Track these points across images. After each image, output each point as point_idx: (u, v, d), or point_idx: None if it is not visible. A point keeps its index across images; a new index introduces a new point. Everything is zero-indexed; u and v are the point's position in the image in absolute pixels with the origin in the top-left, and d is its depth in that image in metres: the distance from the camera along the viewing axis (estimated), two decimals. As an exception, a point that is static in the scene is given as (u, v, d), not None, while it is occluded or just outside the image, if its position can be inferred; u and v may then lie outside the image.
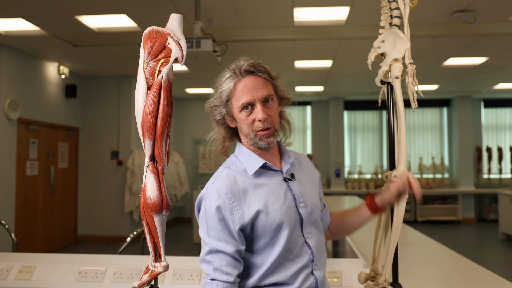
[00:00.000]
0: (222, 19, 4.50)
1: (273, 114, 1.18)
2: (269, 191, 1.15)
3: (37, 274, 1.88)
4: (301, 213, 1.18)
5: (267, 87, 1.17)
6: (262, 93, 1.15)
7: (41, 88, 6.12)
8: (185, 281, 1.79)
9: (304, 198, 1.20)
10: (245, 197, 1.13)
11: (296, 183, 1.22)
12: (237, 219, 1.11)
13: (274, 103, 1.19)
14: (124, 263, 1.92)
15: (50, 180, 6.34)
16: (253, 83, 1.16)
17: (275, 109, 1.19)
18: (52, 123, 6.33)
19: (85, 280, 1.84)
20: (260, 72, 1.17)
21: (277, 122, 1.19)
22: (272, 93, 1.18)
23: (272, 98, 1.18)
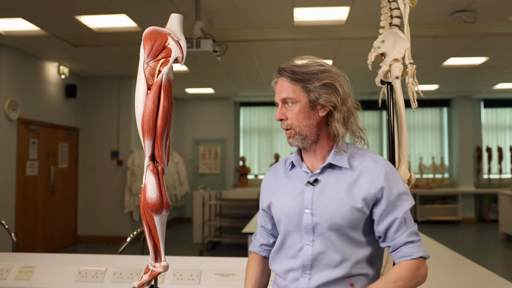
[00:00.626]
0: (222, 19, 4.50)
1: (293, 116, 1.18)
2: (287, 188, 1.24)
3: (37, 274, 1.88)
4: (304, 219, 1.16)
5: (288, 89, 1.17)
6: (280, 95, 1.19)
7: (41, 88, 6.12)
8: (185, 281, 1.79)
9: (314, 206, 1.16)
10: (274, 185, 1.29)
11: (316, 189, 1.17)
12: (262, 201, 1.33)
13: (297, 106, 1.17)
14: (124, 263, 1.92)
15: (50, 180, 6.34)
16: (279, 85, 1.21)
17: (295, 112, 1.17)
18: (52, 123, 6.33)
19: (85, 280, 1.84)
20: (286, 75, 1.18)
21: (299, 125, 1.17)
22: (292, 97, 1.17)
23: (293, 101, 1.17)
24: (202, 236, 6.09)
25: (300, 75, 1.17)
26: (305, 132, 1.18)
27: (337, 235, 1.14)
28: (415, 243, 1.14)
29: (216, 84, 7.98)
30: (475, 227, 8.57)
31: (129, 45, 5.36)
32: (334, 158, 1.19)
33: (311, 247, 1.15)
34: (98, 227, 7.17)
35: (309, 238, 1.16)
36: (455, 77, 7.41)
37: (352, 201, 1.14)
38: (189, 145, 9.50)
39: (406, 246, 1.14)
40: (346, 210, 1.14)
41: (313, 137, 1.19)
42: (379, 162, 1.18)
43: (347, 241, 1.15)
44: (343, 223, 1.13)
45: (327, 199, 1.15)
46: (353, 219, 1.14)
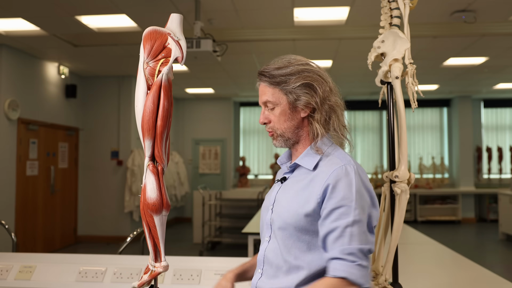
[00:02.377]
0: (222, 19, 4.50)
1: (275, 119, 1.19)
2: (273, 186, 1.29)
3: (37, 274, 1.88)
4: (267, 215, 1.20)
5: (268, 93, 1.18)
6: (262, 99, 1.21)
7: (41, 88, 6.12)
8: (185, 281, 1.79)
9: (275, 203, 1.19)
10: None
11: (282, 187, 1.21)
12: None
13: (278, 109, 1.17)
14: (124, 263, 1.92)
15: (50, 180, 6.34)
16: (260, 89, 1.22)
17: (277, 114, 1.18)
18: (52, 123, 6.33)
19: (85, 280, 1.84)
20: (264, 78, 1.19)
21: (281, 127, 1.18)
22: (272, 100, 1.17)
23: (274, 104, 1.18)
24: (202, 236, 6.09)
25: (278, 77, 1.16)
26: (287, 134, 1.19)
27: (286, 235, 1.11)
28: (345, 262, 1.02)
29: (216, 84, 7.98)
30: (475, 227, 8.57)
31: (129, 45, 5.36)
32: (303, 158, 1.18)
33: (267, 243, 1.18)
34: (98, 227, 7.17)
35: (268, 235, 1.18)
36: (455, 77, 7.41)
37: (300, 201, 1.11)
38: (189, 145, 9.50)
39: (334, 261, 1.03)
40: (293, 209, 1.11)
41: (294, 138, 1.19)
42: (336, 163, 1.10)
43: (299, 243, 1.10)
44: (292, 222, 1.10)
45: (284, 198, 1.17)
46: (302, 221, 1.09)
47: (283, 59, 1.19)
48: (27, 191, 5.80)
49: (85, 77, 7.27)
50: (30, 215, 5.87)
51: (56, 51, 5.72)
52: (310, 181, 1.12)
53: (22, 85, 5.69)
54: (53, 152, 6.43)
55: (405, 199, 1.48)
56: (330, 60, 6.15)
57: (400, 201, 1.47)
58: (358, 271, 1.01)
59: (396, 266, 1.49)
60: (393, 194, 1.50)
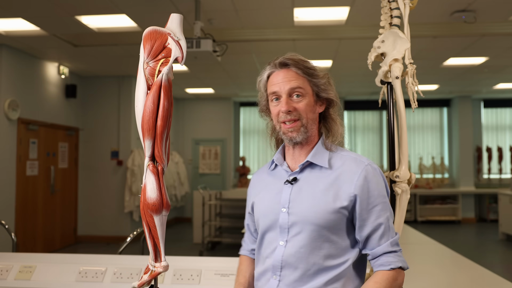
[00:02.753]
0: (222, 19, 4.50)
1: (301, 108, 1.15)
2: (269, 188, 1.23)
3: (37, 274, 1.88)
4: (280, 218, 1.14)
5: (298, 80, 1.15)
6: (289, 85, 1.15)
7: (41, 88, 6.12)
8: (185, 281, 1.79)
9: (291, 205, 1.13)
10: (259, 186, 1.28)
11: (294, 188, 1.15)
12: (248, 203, 1.31)
13: (305, 99, 1.15)
14: (124, 263, 1.92)
15: (50, 180, 6.34)
16: (283, 75, 1.16)
17: (304, 104, 1.15)
18: (52, 123, 6.33)
19: (85, 280, 1.84)
20: (294, 66, 1.16)
21: (306, 117, 1.15)
22: (302, 88, 1.15)
23: (302, 92, 1.15)
24: (202, 236, 6.09)
25: (307, 69, 1.16)
26: (309, 126, 1.17)
27: (314, 236, 1.09)
28: (396, 253, 1.10)
29: (216, 84, 7.98)
30: (475, 227, 8.57)
31: (129, 45, 5.36)
32: (314, 156, 1.16)
33: (284, 248, 1.12)
34: (98, 227, 7.17)
35: (284, 238, 1.12)
36: (455, 77, 7.41)
37: (330, 201, 1.10)
38: (189, 145, 9.50)
39: (386, 255, 1.10)
40: (323, 209, 1.10)
41: (310, 132, 1.17)
42: (361, 162, 1.15)
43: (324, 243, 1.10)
44: (320, 222, 1.09)
45: (304, 199, 1.13)
46: (331, 220, 1.09)
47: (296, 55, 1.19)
48: (27, 191, 5.80)
49: (85, 77, 7.27)
50: (30, 215, 5.87)
51: (56, 51, 5.72)
52: (335, 180, 1.13)
53: (22, 85, 5.69)
54: (53, 152, 6.43)
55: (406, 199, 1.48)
56: (330, 60, 6.15)
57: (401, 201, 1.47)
58: (403, 257, 1.12)
59: (396, 266, 1.49)
60: (394, 194, 1.50)
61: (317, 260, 1.09)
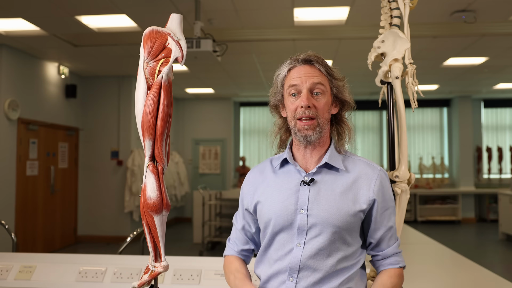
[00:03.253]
0: (222, 19, 4.50)
1: (320, 106, 1.14)
2: (278, 187, 1.18)
3: (37, 274, 1.88)
4: (297, 219, 1.12)
5: (321, 77, 1.15)
6: (312, 79, 1.14)
7: (41, 88, 6.12)
8: (185, 281, 1.79)
9: (310, 206, 1.11)
10: (261, 185, 1.23)
11: (313, 189, 1.13)
12: (246, 202, 1.26)
13: (324, 98, 1.15)
14: (124, 263, 1.92)
15: (50, 180, 6.34)
16: (306, 70, 1.15)
17: (323, 103, 1.14)
18: (52, 123, 6.33)
19: (85, 280, 1.84)
20: (318, 63, 1.16)
21: (323, 117, 1.14)
22: (324, 85, 1.15)
23: (323, 91, 1.15)
24: (202, 236, 6.09)
25: (329, 69, 1.17)
26: (324, 126, 1.16)
27: (333, 239, 1.09)
28: (400, 253, 1.21)
29: (216, 84, 7.98)
30: (475, 227, 8.57)
31: (129, 45, 5.36)
32: (331, 158, 1.16)
33: (301, 249, 1.10)
34: (98, 227, 7.17)
35: (301, 240, 1.10)
36: (455, 77, 7.41)
37: (350, 204, 1.12)
38: (189, 145, 9.50)
39: (395, 255, 1.19)
40: (344, 212, 1.10)
41: (323, 133, 1.16)
42: (375, 168, 1.19)
43: (341, 245, 1.11)
44: (340, 224, 1.10)
45: (324, 200, 1.11)
46: (350, 222, 1.11)
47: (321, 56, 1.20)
48: (27, 191, 5.80)
49: (85, 77, 7.27)
50: (30, 215, 5.86)
51: (56, 51, 5.72)
52: (353, 183, 1.15)
53: (22, 85, 5.69)
54: (53, 152, 6.43)
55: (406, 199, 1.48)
56: (330, 60, 6.15)
57: (401, 201, 1.47)
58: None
59: (396, 266, 1.49)
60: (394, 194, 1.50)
61: (334, 261, 1.10)
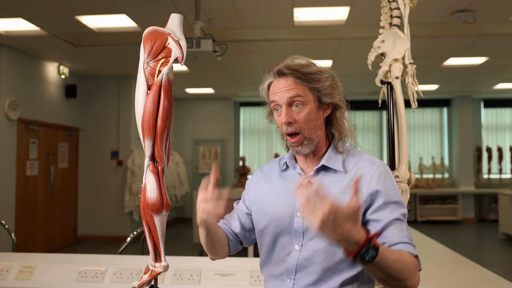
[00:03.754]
0: (222, 19, 4.50)
1: (301, 119, 1.11)
2: (279, 190, 1.19)
3: (37, 274, 1.88)
4: (294, 222, 1.12)
5: (297, 89, 1.10)
6: (288, 94, 1.10)
7: (41, 88, 6.12)
8: (185, 281, 1.79)
9: None
10: (265, 184, 1.24)
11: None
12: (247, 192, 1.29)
13: (306, 108, 1.11)
14: (124, 263, 1.92)
15: (50, 180, 6.34)
16: (282, 85, 1.12)
17: (304, 114, 1.11)
18: (52, 123, 6.33)
19: (85, 280, 1.84)
20: (292, 75, 1.11)
21: (308, 128, 1.12)
22: (302, 96, 1.10)
23: (302, 102, 1.11)
24: (202, 236, 6.08)
25: (307, 75, 1.12)
26: (313, 136, 1.13)
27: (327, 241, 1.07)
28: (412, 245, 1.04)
29: (216, 84, 7.98)
30: (475, 227, 8.57)
31: (129, 45, 5.36)
32: (328, 160, 1.14)
33: (299, 252, 1.11)
34: (98, 227, 7.17)
35: (299, 243, 1.11)
36: (455, 77, 7.41)
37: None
38: (189, 145, 9.50)
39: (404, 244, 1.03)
40: None
41: (317, 140, 1.14)
42: (374, 163, 1.13)
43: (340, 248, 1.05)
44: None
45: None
46: None
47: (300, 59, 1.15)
48: (27, 191, 5.80)
49: (85, 77, 7.27)
50: (30, 215, 5.86)
51: (56, 51, 5.72)
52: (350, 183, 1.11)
53: (22, 85, 5.69)
54: (53, 152, 6.43)
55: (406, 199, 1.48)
56: (330, 60, 6.15)
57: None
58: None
59: (396, 266, 1.49)
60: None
61: (331, 264, 1.08)
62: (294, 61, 1.15)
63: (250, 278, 1.79)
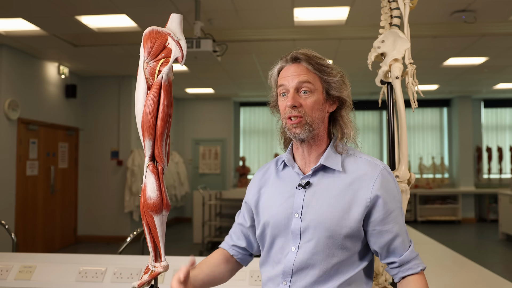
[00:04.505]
0: (222, 19, 4.50)
1: (308, 105, 1.09)
2: (278, 190, 1.18)
3: (37, 274, 1.88)
4: (292, 223, 1.10)
5: (308, 75, 1.10)
6: (298, 79, 1.10)
7: (41, 88, 6.12)
8: (185, 281, 1.79)
9: (304, 210, 1.09)
10: (264, 185, 1.23)
11: (308, 192, 1.11)
12: (248, 199, 1.26)
13: (313, 96, 1.10)
14: (124, 263, 1.92)
15: (50, 180, 6.34)
16: (293, 70, 1.12)
17: (311, 101, 1.10)
18: (52, 123, 6.33)
19: (85, 280, 1.84)
20: (306, 61, 1.11)
21: (311, 115, 1.10)
22: (311, 83, 1.10)
23: (311, 89, 1.10)
24: (202, 236, 6.09)
25: (320, 66, 1.12)
26: (315, 125, 1.10)
27: (326, 244, 1.06)
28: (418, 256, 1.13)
29: (216, 84, 7.98)
30: (475, 227, 8.57)
31: (129, 45, 5.36)
32: (327, 159, 1.12)
33: (295, 254, 1.08)
34: (98, 227, 7.17)
35: (295, 244, 1.09)
36: (455, 77, 7.41)
37: (346, 207, 1.06)
38: (189, 145, 9.50)
39: (414, 260, 1.11)
40: (338, 216, 1.06)
41: (316, 131, 1.12)
42: (376, 166, 1.10)
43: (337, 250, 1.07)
44: (334, 228, 1.05)
45: (318, 204, 1.08)
46: (346, 226, 1.06)
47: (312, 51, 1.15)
48: (27, 191, 5.80)
49: (85, 77, 7.27)
50: (30, 215, 5.87)
51: (56, 51, 5.72)
52: (350, 185, 1.09)
53: (22, 85, 5.69)
54: (53, 152, 6.43)
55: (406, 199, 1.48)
56: (330, 60, 6.11)
57: (400, 201, 1.47)
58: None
59: (396, 266, 1.49)
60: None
61: (329, 266, 1.06)
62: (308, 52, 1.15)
63: (250, 278, 1.79)
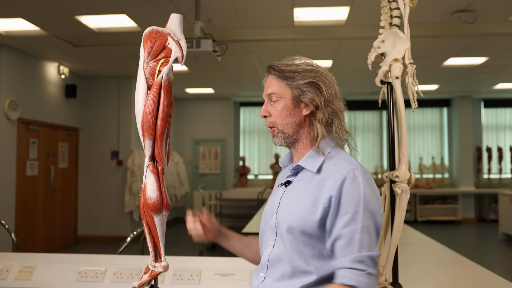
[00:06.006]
0: (222, 19, 4.50)
1: (275, 113, 1.17)
2: (275, 187, 1.28)
3: (37, 274, 1.88)
4: (272, 219, 1.18)
5: (274, 86, 1.17)
6: (266, 91, 1.19)
7: (41, 88, 6.12)
8: (185, 281, 1.79)
9: (280, 207, 1.16)
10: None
11: (286, 190, 1.19)
12: None
13: (280, 103, 1.16)
14: (124, 263, 1.92)
15: (50, 180, 6.34)
16: (266, 82, 1.22)
17: (277, 109, 1.16)
18: (52, 123, 6.33)
19: (85, 280, 1.84)
20: (271, 73, 1.19)
21: (282, 122, 1.16)
22: (276, 93, 1.16)
23: (278, 97, 1.16)
24: (202, 236, 6.08)
25: (287, 73, 1.16)
26: (288, 131, 1.16)
27: (293, 240, 1.09)
28: (356, 271, 1.01)
29: (216, 84, 7.98)
30: (475, 227, 8.57)
31: (129, 45, 5.36)
32: (306, 160, 1.15)
33: (272, 247, 1.16)
34: (98, 227, 7.17)
35: (273, 239, 1.16)
36: (455, 77, 7.41)
37: (307, 206, 1.08)
38: (189, 145, 9.50)
39: (345, 270, 1.02)
40: (300, 214, 1.08)
41: (294, 136, 1.17)
42: (344, 167, 1.08)
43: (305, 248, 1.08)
44: (297, 226, 1.08)
45: (290, 202, 1.14)
46: (307, 225, 1.07)
47: (293, 59, 1.20)
48: (27, 191, 5.80)
49: (85, 77, 7.27)
50: (30, 215, 5.86)
51: (56, 51, 5.72)
52: (317, 185, 1.10)
53: (22, 85, 5.69)
54: (53, 152, 6.43)
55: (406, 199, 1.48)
56: (330, 60, 6.15)
57: (401, 201, 1.47)
58: (367, 279, 1.01)
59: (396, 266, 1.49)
60: (393, 194, 1.50)
61: (297, 263, 1.09)
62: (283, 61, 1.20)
63: (250, 278, 1.79)
